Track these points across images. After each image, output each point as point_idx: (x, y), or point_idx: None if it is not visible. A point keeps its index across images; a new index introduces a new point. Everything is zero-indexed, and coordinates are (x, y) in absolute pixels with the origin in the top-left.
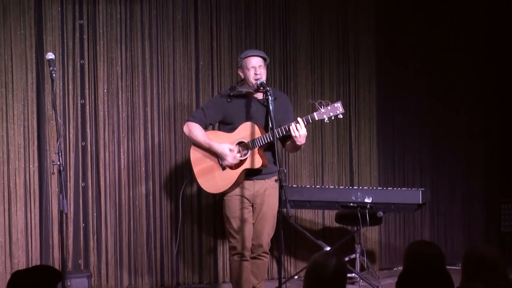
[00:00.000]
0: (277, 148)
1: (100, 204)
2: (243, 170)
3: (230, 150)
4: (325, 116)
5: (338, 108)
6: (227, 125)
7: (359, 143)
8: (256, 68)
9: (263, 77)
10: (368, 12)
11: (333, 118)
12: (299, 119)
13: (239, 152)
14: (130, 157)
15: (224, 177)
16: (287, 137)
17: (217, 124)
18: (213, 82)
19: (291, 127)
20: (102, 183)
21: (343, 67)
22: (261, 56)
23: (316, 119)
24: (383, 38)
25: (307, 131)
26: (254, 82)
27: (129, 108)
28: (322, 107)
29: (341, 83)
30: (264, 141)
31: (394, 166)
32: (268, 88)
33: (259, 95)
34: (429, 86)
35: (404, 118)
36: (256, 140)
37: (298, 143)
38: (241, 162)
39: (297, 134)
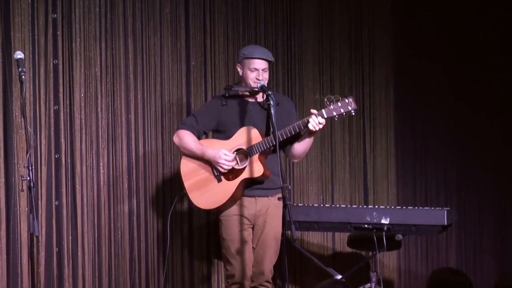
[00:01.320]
0: (280, 160)
1: (76, 225)
2: (242, 181)
3: (225, 154)
4: (334, 113)
5: (349, 103)
6: (223, 133)
7: (374, 155)
8: (259, 71)
9: (266, 81)
10: (384, 5)
11: (344, 115)
12: (313, 111)
13: (235, 160)
14: (111, 171)
15: (220, 190)
16: (293, 139)
17: (211, 133)
18: (207, 85)
19: (311, 120)
20: (78, 201)
21: (356, 67)
22: (267, 60)
23: (325, 116)
24: (402, 35)
25: (314, 142)
26: (253, 85)
27: (110, 115)
28: (332, 103)
29: (353, 86)
30: (265, 146)
31: (415, 182)
32: (270, 92)
33: (259, 97)
34: (456, 89)
35: (426, 126)
36: (256, 146)
37: (314, 134)
38: (239, 171)
39: (317, 127)
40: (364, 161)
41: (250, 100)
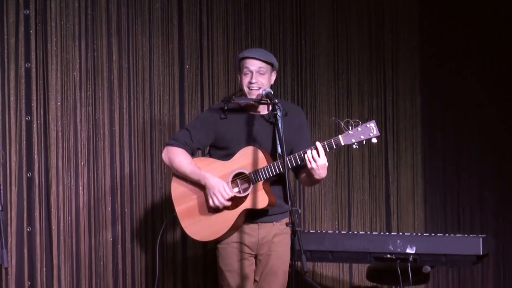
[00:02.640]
0: (288, 179)
1: (51, 255)
2: (243, 211)
3: (224, 189)
4: (353, 140)
5: (371, 129)
6: (221, 150)
7: (398, 174)
8: (252, 73)
9: (264, 86)
10: (410, 2)
11: (364, 142)
12: (318, 144)
13: (238, 188)
14: (92, 192)
15: (218, 220)
16: (302, 166)
17: (207, 149)
18: (203, 92)
19: (306, 156)
20: (54, 227)
21: (377, 72)
22: (261, 59)
23: (342, 144)
24: (430, 35)
25: (328, 158)
26: (247, 90)
27: (91, 126)
28: (350, 127)
29: (374, 93)
30: (271, 173)
31: (445, 205)
32: (276, 101)
33: (264, 109)
34: (493, 98)
35: (459, 140)
36: (261, 172)
37: (316, 176)
38: (241, 200)
39: (314, 165)
40: (387, 180)
41: (253, 113)
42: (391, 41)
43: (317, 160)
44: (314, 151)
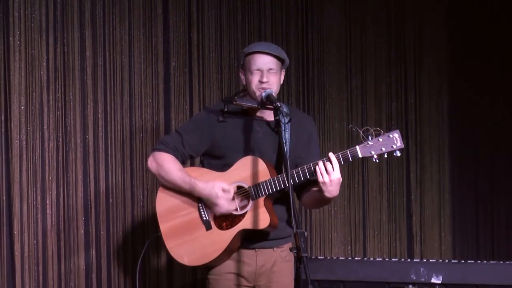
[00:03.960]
0: (293, 196)
1: (14, 285)
2: (239, 232)
3: (224, 190)
4: (373, 152)
5: (394, 140)
6: (216, 159)
7: (422, 191)
8: (263, 72)
9: (273, 87)
10: None
11: (385, 156)
12: (331, 155)
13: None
14: (62, 212)
15: (209, 241)
16: (309, 183)
17: (199, 158)
18: (193, 94)
19: (317, 168)
20: (17, 252)
21: (397, 70)
22: (273, 55)
23: (360, 156)
24: (460, 25)
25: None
26: (258, 93)
27: (60, 135)
28: (370, 137)
29: (393, 96)
30: (275, 188)
31: (477, 227)
32: (279, 105)
33: (271, 115)
34: None
35: (493, 151)
36: (263, 186)
37: (326, 193)
38: (237, 218)
39: (326, 178)
40: (408, 197)
41: (257, 118)
42: (414, 33)
43: (331, 174)
44: (328, 163)
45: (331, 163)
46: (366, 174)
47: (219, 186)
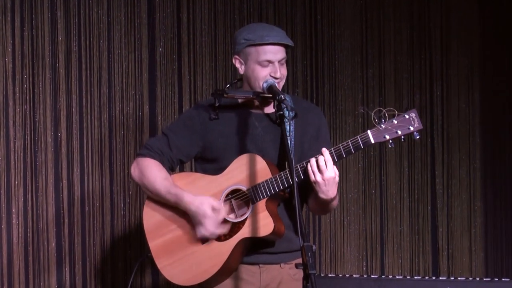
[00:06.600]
0: (299, 206)
1: None
2: (239, 242)
3: (214, 209)
4: (388, 137)
5: (411, 121)
6: (210, 163)
7: (449, 197)
8: (275, 64)
9: (283, 81)
10: None
11: (402, 139)
12: (324, 151)
13: (231, 211)
14: (30, 222)
15: (206, 256)
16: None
17: (191, 162)
18: (182, 85)
19: (308, 166)
20: None
21: (421, 57)
22: (284, 44)
23: (372, 142)
24: (492, 10)
25: (351, 173)
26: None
27: (28, 132)
28: (383, 120)
29: (416, 87)
30: (277, 188)
31: None
32: (282, 96)
33: (269, 106)
34: None
35: None
36: (263, 186)
37: (321, 194)
38: (236, 227)
39: (319, 178)
40: (433, 205)
41: (255, 111)
42: (440, 14)
43: (324, 172)
44: (321, 158)
45: (323, 156)
46: (384, 177)
47: (209, 204)
